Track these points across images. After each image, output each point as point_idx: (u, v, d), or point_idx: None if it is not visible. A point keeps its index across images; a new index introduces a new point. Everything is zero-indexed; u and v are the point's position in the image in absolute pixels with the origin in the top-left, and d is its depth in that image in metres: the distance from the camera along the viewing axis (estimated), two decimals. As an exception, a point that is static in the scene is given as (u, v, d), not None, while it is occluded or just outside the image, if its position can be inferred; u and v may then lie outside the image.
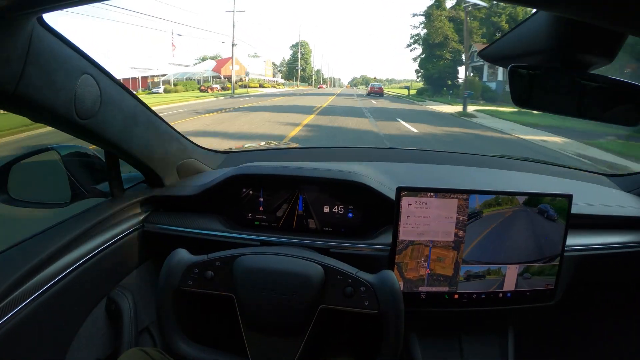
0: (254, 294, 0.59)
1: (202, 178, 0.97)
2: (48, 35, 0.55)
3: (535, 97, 0.54)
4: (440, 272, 0.80)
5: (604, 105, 0.53)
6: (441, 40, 27.88)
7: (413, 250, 0.78)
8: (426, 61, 29.39)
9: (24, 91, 0.51)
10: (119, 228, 0.83)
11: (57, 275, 0.67)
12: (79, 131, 0.66)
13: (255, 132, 7.10)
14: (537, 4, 0.36)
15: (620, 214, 0.94)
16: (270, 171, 0.90)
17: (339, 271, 0.61)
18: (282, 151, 1.42)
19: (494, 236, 0.78)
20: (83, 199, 0.80)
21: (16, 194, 0.76)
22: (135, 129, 0.78)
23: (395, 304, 0.57)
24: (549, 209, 0.78)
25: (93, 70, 0.65)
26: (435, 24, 28.08)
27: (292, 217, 0.91)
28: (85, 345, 0.75)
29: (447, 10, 28.22)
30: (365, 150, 1.45)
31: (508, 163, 1.22)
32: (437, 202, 0.76)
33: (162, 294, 0.59)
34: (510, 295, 0.82)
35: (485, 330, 1.00)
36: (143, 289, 0.90)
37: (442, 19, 28.00)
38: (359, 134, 7.46)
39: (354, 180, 0.86)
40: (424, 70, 30.08)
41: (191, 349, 0.61)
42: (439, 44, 27.96)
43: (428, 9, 28.94)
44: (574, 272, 0.87)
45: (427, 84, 30.43)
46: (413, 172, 1.11)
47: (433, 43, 28.18)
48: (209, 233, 0.87)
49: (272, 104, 15.75)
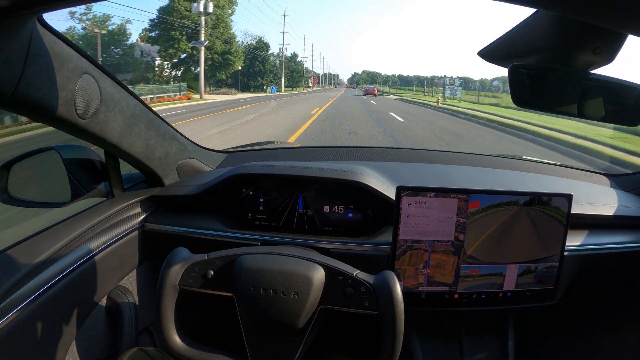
0: (254, 293, 0.59)
1: (202, 178, 0.97)
2: (48, 35, 0.55)
3: (535, 97, 0.54)
4: (440, 280, 0.79)
5: (604, 105, 0.53)
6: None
7: (412, 255, 0.78)
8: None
9: (24, 91, 0.51)
10: (119, 228, 0.83)
11: (57, 275, 0.67)
12: (79, 131, 0.66)
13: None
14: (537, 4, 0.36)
15: (620, 214, 0.94)
16: (270, 171, 0.90)
17: (339, 271, 0.61)
18: (282, 151, 1.42)
19: (494, 236, 0.78)
20: (83, 199, 0.80)
21: (17, 193, 0.76)
22: (135, 129, 0.78)
23: (395, 305, 0.57)
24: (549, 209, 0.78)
25: (93, 70, 0.65)
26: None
27: (292, 217, 0.91)
28: (85, 345, 0.75)
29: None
30: (365, 149, 1.45)
31: (508, 163, 1.22)
32: (437, 202, 0.76)
33: (161, 293, 0.59)
34: (510, 295, 0.81)
35: (485, 330, 1.00)
36: (143, 288, 0.90)
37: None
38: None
39: (354, 180, 0.86)
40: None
41: (191, 348, 0.61)
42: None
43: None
44: (574, 272, 0.87)
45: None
46: (413, 172, 1.11)
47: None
48: (209, 233, 0.87)
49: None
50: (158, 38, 24.59)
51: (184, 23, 23.43)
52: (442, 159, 1.26)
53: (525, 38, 0.53)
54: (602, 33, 0.46)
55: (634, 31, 0.33)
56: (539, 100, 0.54)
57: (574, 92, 0.53)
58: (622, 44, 0.47)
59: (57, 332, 0.68)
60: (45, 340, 0.65)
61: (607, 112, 0.54)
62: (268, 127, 8.62)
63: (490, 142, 7.92)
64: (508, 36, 0.55)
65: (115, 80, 0.72)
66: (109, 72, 0.70)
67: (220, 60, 26.79)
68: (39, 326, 0.64)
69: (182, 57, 25.31)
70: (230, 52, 27.08)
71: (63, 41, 0.58)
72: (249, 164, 0.92)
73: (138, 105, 0.79)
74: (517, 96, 0.54)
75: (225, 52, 26.72)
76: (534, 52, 0.52)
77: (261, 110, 13.34)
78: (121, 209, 0.84)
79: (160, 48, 24.58)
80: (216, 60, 26.67)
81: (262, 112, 12.45)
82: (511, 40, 0.55)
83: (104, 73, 0.68)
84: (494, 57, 0.59)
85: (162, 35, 24.20)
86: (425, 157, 1.26)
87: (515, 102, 0.54)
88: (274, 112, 12.52)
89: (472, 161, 1.21)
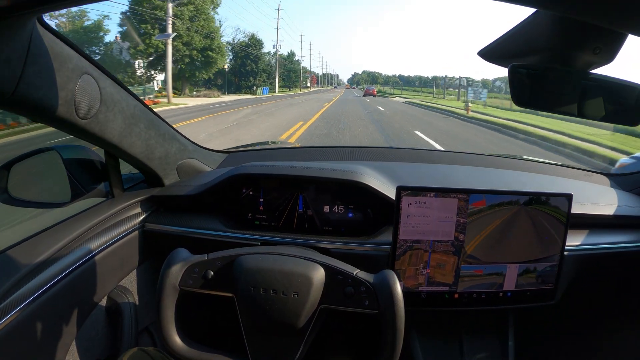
0: (254, 293, 0.59)
1: (202, 178, 0.97)
2: (48, 35, 0.55)
3: (535, 97, 0.54)
4: (440, 280, 0.79)
5: (604, 105, 0.53)
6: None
7: (412, 256, 0.78)
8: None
9: (24, 91, 0.51)
10: (119, 228, 0.83)
11: (57, 275, 0.67)
12: (79, 131, 0.66)
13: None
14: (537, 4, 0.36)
15: (620, 214, 0.94)
16: (270, 171, 0.90)
17: (339, 271, 0.61)
18: (282, 151, 1.42)
19: (494, 236, 0.78)
20: (83, 199, 0.80)
21: (17, 193, 0.76)
22: (135, 129, 0.78)
23: (396, 304, 0.57)
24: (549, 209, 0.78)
25: (93, 70, 0.65)
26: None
27: (292, 217, 0.91)
28: (85, 345, 0.75)
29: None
30: (365, 149, 1.45)
31: (508, 163, 1.22)
32: (438, 202, 0.76)
33: (161, 293, 0.59)
34: (510, 295, 0.82)
35: (486, 330, 1.00)
36: (143, 288, 0.90)
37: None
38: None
39: (354, 180, 0.86)
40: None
41: (191, 349, 0.61)
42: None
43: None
44: (574, 272, 0.87)
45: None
46: (413, 171, 1.11)
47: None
48: (209, 233, 0.87)
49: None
50: (128, 33, 21.28)
51: (156, 14, 19.70)
52: (442, 158, 1.26)
53: (525, 38, 0.53)
54: (602, 33, 0.46)
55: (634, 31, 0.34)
56: (539, 100, 0.54)
57: (574, 92, 0.53)
58: (622, 44, 0.47)
59: (57, 332, 0.68)
60: (45, 340, 0.65)
61: (607, 112, 0.54)
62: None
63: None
64: (508, 36, 0.55)
65: (115, 81, 0.72)
66: (108, 72, 0.70)
67: (200, 58, 23.08)
68: (39, 326, 0.64)
69: (159, 54, 20.62)
70: (212, 49, 23.20)
71: (63, 41, 0.58)
72: (249, 164, 0.92)
73: (138, 105, 0.79)
74: (517, 96, 0.54)
75: (205, 49, 22.93)
76: (534, 52, 0.52)
77: (220, 124, 8.92)
78: (121, 209, 0.84)
79: (130, 45, 21.52)
80: (195, 58, 22.79)
81: (210, 131, 7.72)
82: (511, 40, 0.55)
83: (104, 73, 0.68)
84: (494, 57, 0.59)
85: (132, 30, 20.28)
86: (425, 157, 1.26)
87: (515, 102, 0.54)
88: (222, 135, 7.28)
89: (472, 161, 1.21)
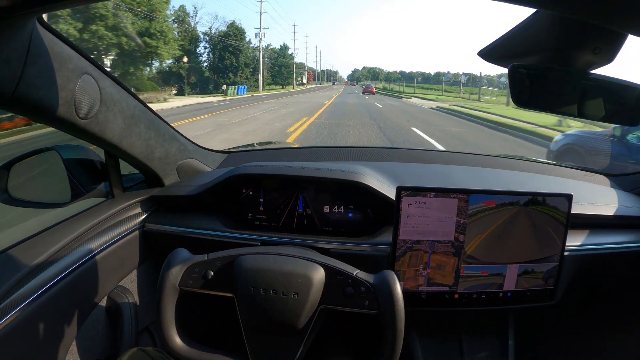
0: (254, 294, 0.59)
1: (202, 178, 0.97)
2: (48, 35, 0.55)
3: (535, 97, 0.54)
4: (440, 281, 0.79)
5: (604, 105, 0.53)
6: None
7: (411, 257, 0.78)
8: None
9: (24, 91, 0.51)
10: (119, 228, 0.83)
11: (57, 275, 0.67)
12: (79, 131, 0.66)
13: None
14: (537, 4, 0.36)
15: (620, 214, 0.94)
16: (270, 171, 0.90)
17: (339, 271, 0.61)
18: (282, 151, 1.42)
19: (494, 236, 0.78)
20: (83, 199, 0.80)
21: (17, 193, 0.76)
22: (135, 129, 0.78)
23: (396, 304, 0.57)
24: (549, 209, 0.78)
25: (93, 70, 0.65)
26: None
27: (292, 217, 0.91)
28: (85, 345, 0.75)
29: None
30: (365, 150, 1.45)
31: (508, 163, 1.22)
32: (438, 202, 0.76)
33: (161, 293, 0.59)
34: (510, 295, 0.82)
35: (485, 330, 1.00)
36: (143, 288, 0.90)
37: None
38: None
39: (354, 180, 0.86)
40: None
41: (191, 349, 0.61)
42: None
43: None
44: (574, 272, 0.87)
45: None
46: (413, 172, 1.11)
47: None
48: (209, 233, 0.87)
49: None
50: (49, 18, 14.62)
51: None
52: (442, 159, 1.26)
53: (525, 38, 0.53)
54: (602, 33, 0.46)
55: (634, 31, 0.34)
56: (539, 100, 0.54)
57: (574, 92, 0.53)
58: (622, 44, 0.47)
59: (58, 332, 0.68)
60: (45, 340, 0.65)
61: (607, 112, 0.54)
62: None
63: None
64: (508, 36, 0.55)
65: (115, 81, 0.72)
66: (108, 73, 0.70)
67: (133, 46, 16.05)
68: (39, 326, 0.64)
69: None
70: (151, 34, 16.24)
71: (63, 41, 0.58)
72: (249, 164, 0.92)
73: (138, 105, 0.79)
74: (517, 96, 0.54)
75: (142, 34, 16.25)
76: (534, 52, 0.52)
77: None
78: (121, 209, 0.84)
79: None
80: (125, 46, 15.53)
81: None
82: (511, 41, 0.55)
83: (104, 73, 0.68)
84: (494, 57, 0.58)
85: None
86: (425, 157, 1.26)
87: (515, 102, 0.54)
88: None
89: (472, 161, 1.21)
